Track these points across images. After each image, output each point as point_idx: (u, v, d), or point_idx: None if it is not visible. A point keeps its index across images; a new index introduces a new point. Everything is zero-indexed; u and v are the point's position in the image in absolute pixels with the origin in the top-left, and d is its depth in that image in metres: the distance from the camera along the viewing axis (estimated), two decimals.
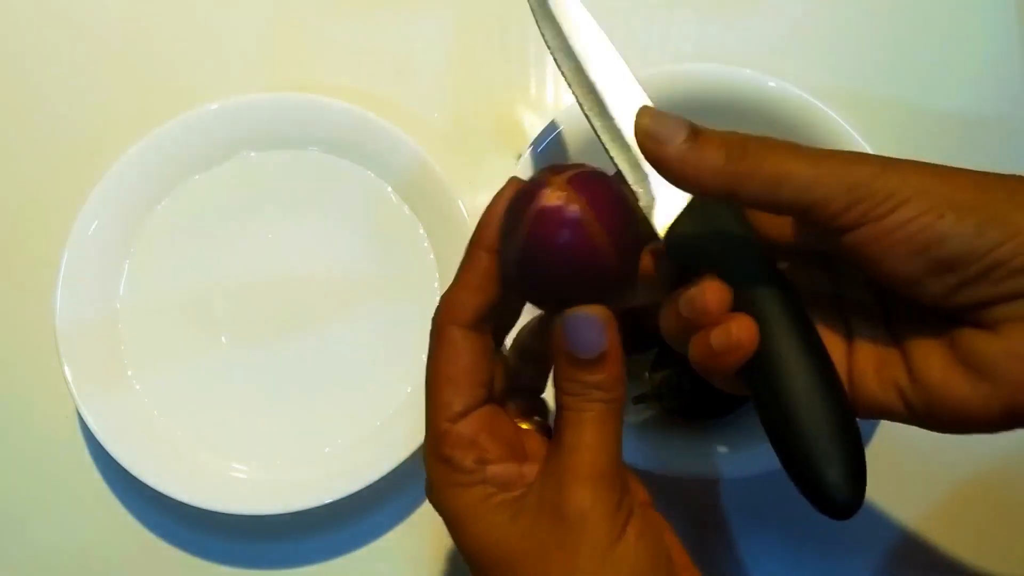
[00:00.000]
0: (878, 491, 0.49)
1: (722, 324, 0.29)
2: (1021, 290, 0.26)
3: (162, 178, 0.50)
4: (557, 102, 0.55)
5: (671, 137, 0.28)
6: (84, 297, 0.48)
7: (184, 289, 0.50)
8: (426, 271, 0.49)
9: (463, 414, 0.30)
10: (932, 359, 0.28)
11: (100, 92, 0.56)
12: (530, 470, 0.29)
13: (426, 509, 0.48)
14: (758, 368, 0.29)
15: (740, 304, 0.30)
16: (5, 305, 0.52)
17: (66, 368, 0.46)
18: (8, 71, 0.56)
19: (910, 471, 0.49)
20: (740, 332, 0.29)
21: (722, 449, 0.45)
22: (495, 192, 0.32)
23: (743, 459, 0.44)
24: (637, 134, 0.29)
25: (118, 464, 0.45)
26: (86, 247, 0.48)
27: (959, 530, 0.48)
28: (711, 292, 0.30)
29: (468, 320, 0.30)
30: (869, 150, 0.46)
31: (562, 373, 0.29)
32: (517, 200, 0.30)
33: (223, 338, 0.49)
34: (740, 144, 0.28)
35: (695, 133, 0.28)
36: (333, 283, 0.50)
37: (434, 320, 0.31)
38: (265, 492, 0.46)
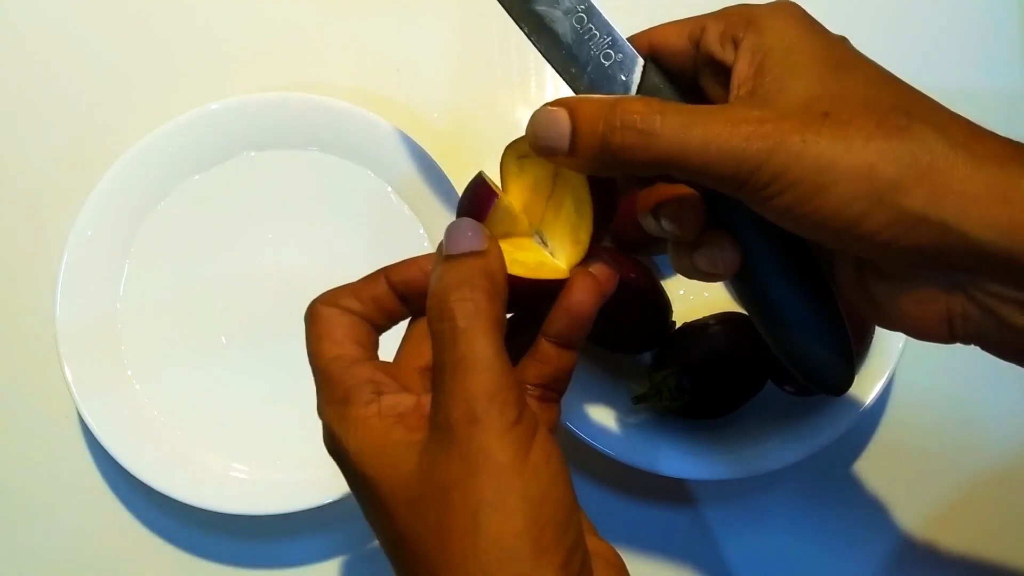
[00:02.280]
0: (881, 489, 0.49)
1: (706, 247, 0.31)
2: (909, 264, 0.28)
3: (162, 178, 0.50)
4: None
5: (558, 143, 0.29)
6: (84, 297, 0.48)
7: (184, 289, 0.50)
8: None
9: (352, 363, 0.29)
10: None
11: (100, 93, 0.56)
12: (427, 400, 0.27)
13: None
14: (746, 279, 0.32)
15: (715, 216, 0.31)
16: (5, 305, 0.52)
17: (66, 368, 0.46)
18: (8, 72, 0.56)
19: (912, 469, 0.49)
20: (724, 262, 0.31)
21: (722, 449, 0.45)
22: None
23: (743, 459, 0.44)
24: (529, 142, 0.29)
25: (118, 464, 0.45)
26: (86, 247, 0.48)
27: (961, 528, 0.48)
28: (689, 214, 0.31)
29: (342, 306, 0.30)
30: None
31: (436, 280, 0.27)
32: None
33: (223, 338, 0.49)
34: (620, 123, 0.27)
35: (574, 116, 0.28)
36: (333, 283, 0.49)
37: (310, 305, 0.31)
38: (265, 492, 0.46)
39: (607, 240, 0.48)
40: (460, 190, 0.49)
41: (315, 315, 0.30)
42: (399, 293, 0.31)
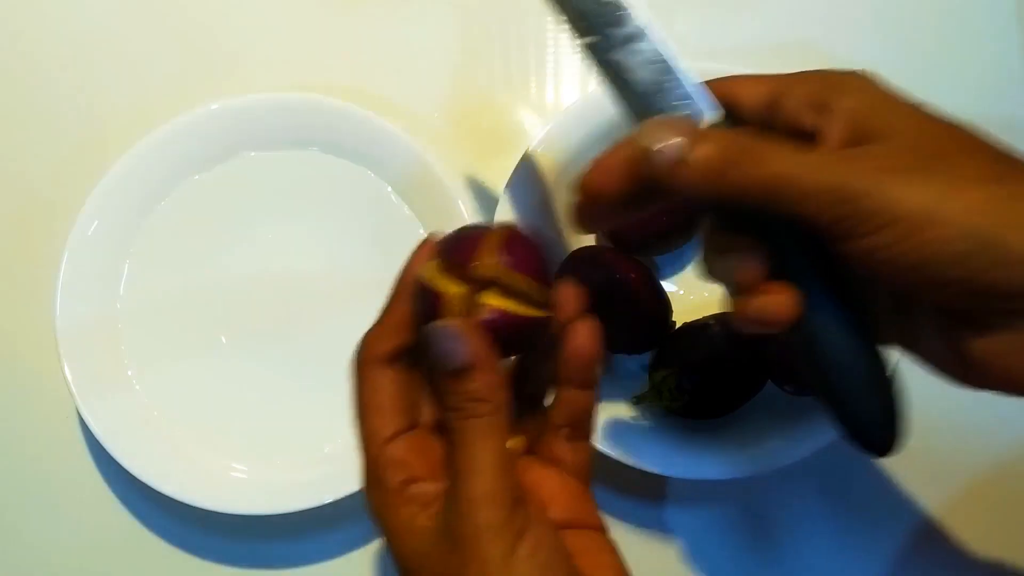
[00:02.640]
0: (882, 489, 0.49)
1: (761, 297, 0.30)
2: (1012, 309, 0.27)
3: (162, 178, 0.50)
4: (557, 102, 0.55)
5: (668, 149, 0.29)
6: (84, 297, 0.48)
7: (184, 289, 0.50)
8: None
9: (391, 438, 0.31)
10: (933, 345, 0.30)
11: (100, 93, 0.56)
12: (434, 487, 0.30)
13: None
14: (800, 330, 0.31)
15: (776, 266, 0.31)
16: (5, 305, 0.52)
17: (66, 368, 0.46)
18: (8, 72, 0.56)
19: (913, 468, 0.49)
20: (778, 308, 0.30)
21: (722, 449, 0.45)
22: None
23: (743, 459, 0.44)
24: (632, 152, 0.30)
25: (118, 464, 0.45)
26: (86, 247, 0.48)
27: (965, 527, 0.48)
28: (749, 265, 0.30)
29: (386, 356, 0.32)
30: None
31: (440, 389, 0.29)
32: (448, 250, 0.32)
33: (223, 338, 0.49)
34: (739, 147, 0.28)
35: (695, 136, 0.29)
36: (333, 283, 0.50)
37: (355, 358, 0.32)
38: (265, 492, 0.46)
39: (604, 240, 0.48)
40: (460, 190, 0.49)
41: (359, 376, 0.32)
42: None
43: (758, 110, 0.32)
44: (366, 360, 0.32)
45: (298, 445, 0.48)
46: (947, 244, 0.26)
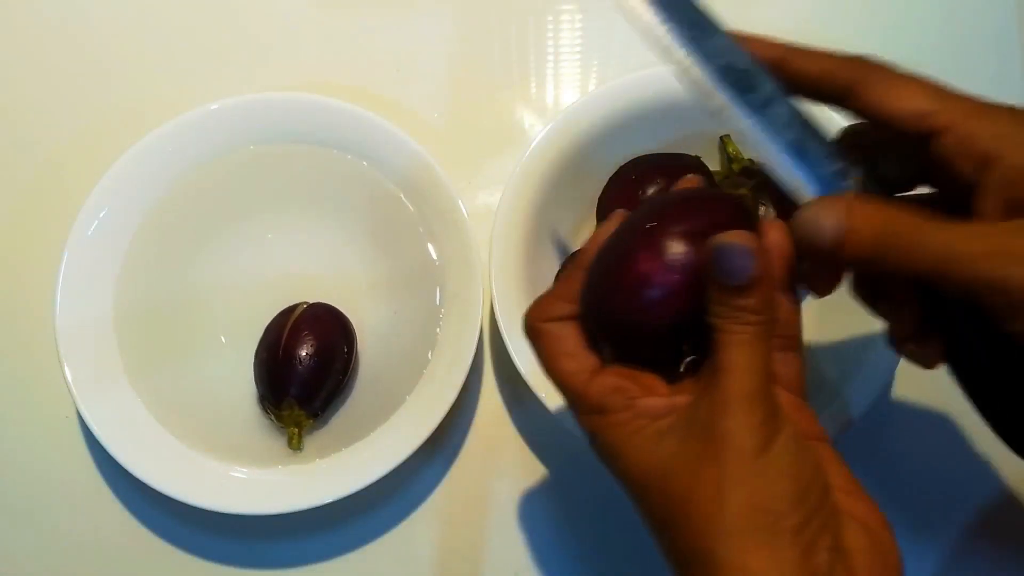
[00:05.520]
0: (881, 489, 0.49)
1: (917, 343, 0.33)
2: None
3: (162, 179, 0.50)
4: (557, 102, 0.55)
5: (822, 233, 0.30)
6: (84, 297, 0.48)
7: (184, 289, 0.50)
8: (427, 271, 0.49)
9: (594, 375, 0.32)
10: None
11: (100, 93, 0.56)
12: (682, 400, 0.31)
13: (425, 509, 0.48)
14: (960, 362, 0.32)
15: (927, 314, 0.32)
16: (5, 305, 0.52)
17: (66, 368, 0.46)
18: (9, 72, 0.56)
19: (914, 468, 0.49)
20: (929, 359, 0.33)
21: None
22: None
23: None
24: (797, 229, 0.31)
25: (118, 464, 0.45)
26: (86, 247, 0.48)
27: (967, 527, 0.48)
28: (903, 319, 0.33)
29: (559, 319, 0.33)
30: None
31: (713, 298, 0.30)
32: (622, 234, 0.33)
33: (223, 338, 0.49)
34: (895, 232, 0.29)
35: (851, 216, 0.30)
36: (333, 283, 0.50)
37: (526, 322, 0.34)
38: (265, 492, 0.46)
39: None
40: (460, 190, 0.49)
41: (538, 333, 0.34)
42: None
43: (912, 122, 0.31)
44: (537, 321, 0.34)
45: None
46: None
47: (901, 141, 0.32)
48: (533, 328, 0.34)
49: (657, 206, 0.34)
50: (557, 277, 0.35)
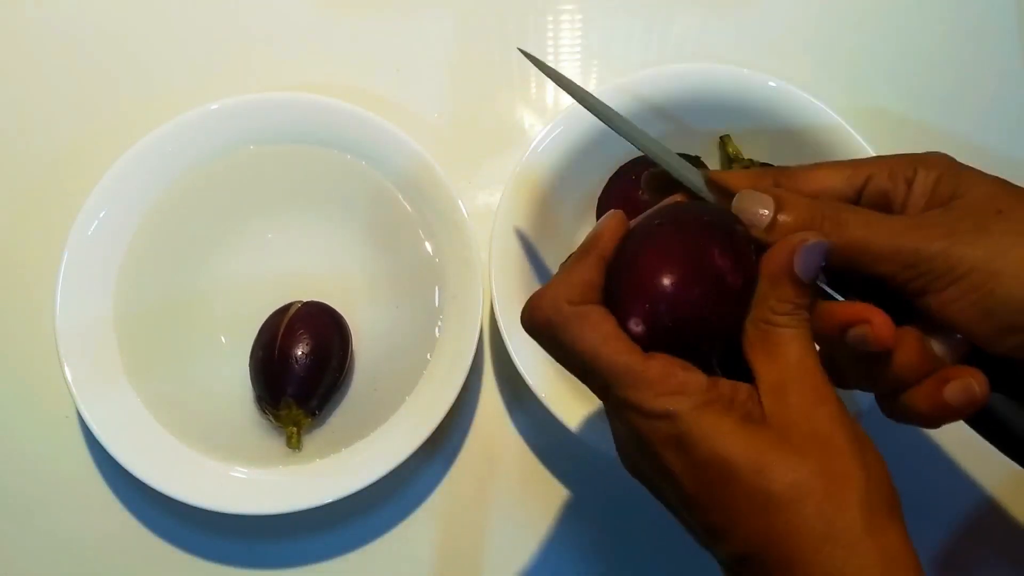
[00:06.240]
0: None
1: (959, 379, 0.31)
2: None
3: (162, 179, 0.50)
4: (557, 102, 0.55)
5: (757, 217, 0.32)
6: (84, 297, 0.48)
7: (184, 289, 0.50)
8: (426, 271, 0.49)
9: (648, 356, 0.31)
10: None
11: (100, 93, 0.56)
12: (742, 387, 0.31)
13: (425, 509, 0.48)
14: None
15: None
16: (5, 305, 0.52)
17: (66, 368, 0.46)
18: (9, 72, 0.56)
19: (913, 471, 0.49)
20: (980, 387, 0.31)
21: None
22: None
23: None
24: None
25: (118, 464, 0.45)
26: (86, 247, 0.48)
27: (969, 527, 0.48)
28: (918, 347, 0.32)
29: (584, 301, 0.32)
30: (869, 149, 0.46)
31: (782, 295, 0.31)
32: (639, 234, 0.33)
33: (223, 338, 0.49)
34: (821, 214, 0.32)
35: (780, 204, 0.32)
36: (333, 283, 0.50)
37: (544, 309, 0.32)
38: (265, 492, 0.46)
39: None
40: (460, 190, 0.49)
41: (570, 317, 0.31)
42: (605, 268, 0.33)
43: (847, 195, 0.34)
44: (569, 303, 0.31)
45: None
46: (1009, 292, 0.29)
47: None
48: (561, 312, 0.31)
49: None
50: (566, 263, 0.33)
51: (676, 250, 0.32)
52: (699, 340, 0.31)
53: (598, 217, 0.48)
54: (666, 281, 0.31)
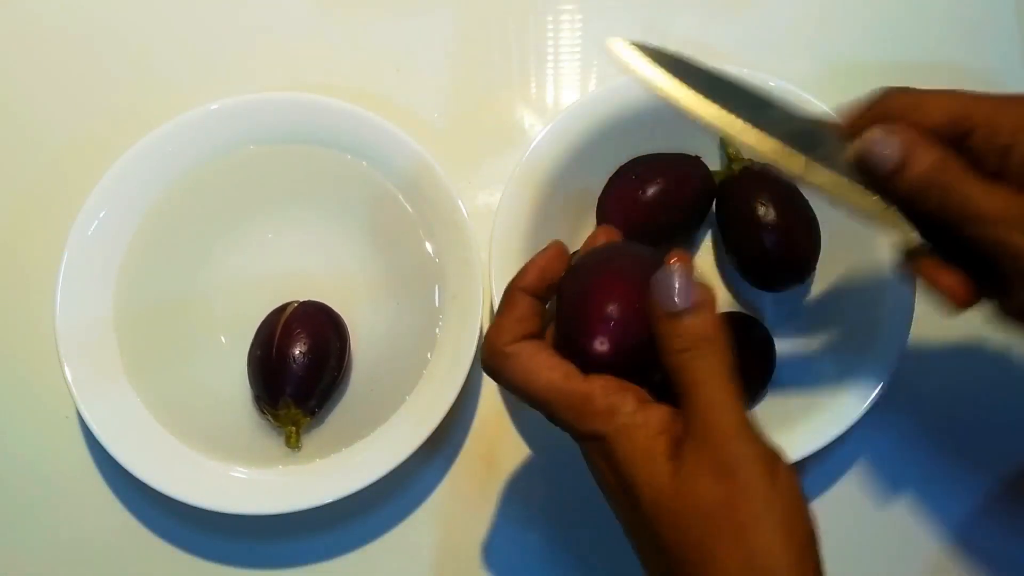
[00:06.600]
0: (881, 492, 0.49)
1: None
2: None
3: (162, 179, 0.50)
4: (557, 102, 0.55)
5: (883, 160, 0.33)
6: (84, 297, 0.48)
7: (184, 289, 0.50)
8: (426, 271, 0.49)
9: (586, 377, 0.32)
10: None
11: (100, 93, 0.56)
12: (670, 409, 0.31)
13: (425, 509, 0.48)
14: None
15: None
16: (5, 305, 0.52)
17: (66, 368, 0.46)
18: (9, 72, 0.56)
19: (913, 472, 0.49)
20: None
21: None
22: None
23: None
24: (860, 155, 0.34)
25: (118, 464, 0.45)
26: (86, 247, 0.48)
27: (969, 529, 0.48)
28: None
29: (521, 337, 0.34)
30: None
31: (666, 334, 0.31)
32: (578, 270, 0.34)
33: (223, 338, 0.49)
34: (943, 164, 0.33)
35: (908, 153, 0.33)
36: (333, 283, 0.50)
37: (488, 352, 0.34)
38: (265, 492, 0.46)
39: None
40: (460, 190, 0.49)
41: (508, 355, 0.33)
42: (540, 296, 0.35)
43: (946, 130, 0.34)
44: (505, 344, 0.33)
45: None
46: None
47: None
48: (500, 353, 0.33)
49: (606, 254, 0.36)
50: (502, 303, 0.35)
51: (636, 275, 0.33)
52: (653, 359, 0.32)
53: (598, 217, 0.48)
54: (628, 303, 0.32)
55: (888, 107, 0.35)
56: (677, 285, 0.31)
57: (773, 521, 0.28)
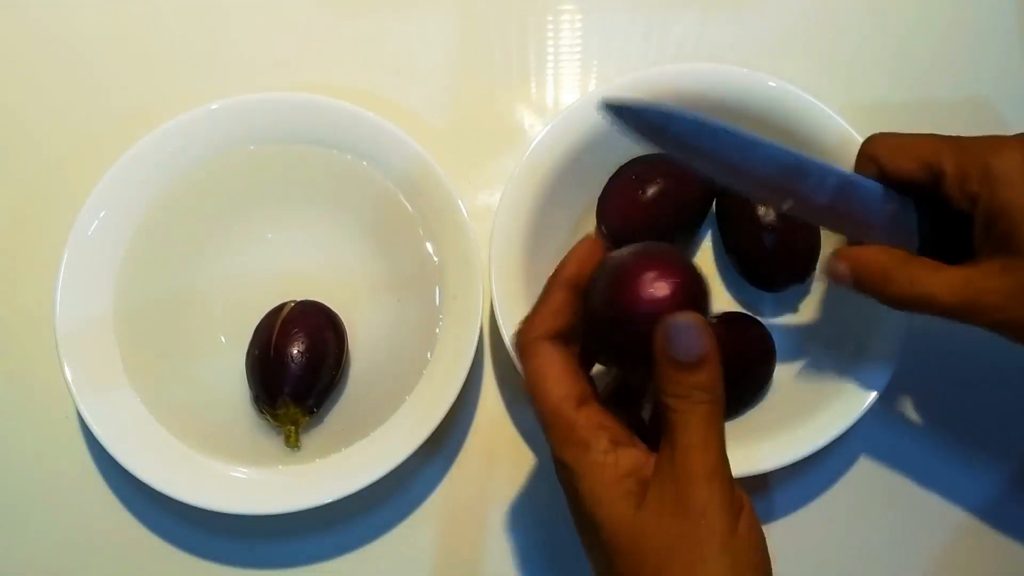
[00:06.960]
0: (881, 492, 0.49)
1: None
2: None
3: (162, 179, 0.50)
4: (557, 103, 0.55)
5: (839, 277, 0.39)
6: (84, 297, 0.48)
7: (184, 289, 0.50)
8: (427, 271, 0.49)
9: (581, 404, 0.33)
10: None
11: (100, 93, 0.56)
12: (651, 458, 0.32)
13: (425, 509, 0.48)
14: None
15: None
16: (5, 305, 0.52)
17: (66, 368, 0.46)
18: (9, 72, 0.56)
19: (912, 473, 0.49)
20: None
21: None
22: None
23: (741, 459, 0.44)
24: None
25: (118, 464, 0.45)
26: (86, 247, 0.48)
27: (970, 530, 0.48)
28: None
29: (547, 336, 0.34)
30: None
31: (666, 377, 0.31)
32: (612, 270, 0.34)
33: (223, 338, 0.49)
34: (890, 268, 0.37)
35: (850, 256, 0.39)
36: (333, 283, 0.50)
37: (518, 340, 0.35)
38: (265, 492, 0.46)
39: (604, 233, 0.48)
40: (460, 190, 0.49)
41: (530, 351, 0.34)
42: (576, 288, 0.35)
43: (920, 175, 0.37)
44: (531, 338, 0.34)
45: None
46: None
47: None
48: (528, 344, 0.34)
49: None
50: (542, 294, 0.36)
51: (676, 256, 0.34)
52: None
53: (598, 217, 0.48)
54: (671, 283, 0.33)
55: (871, 152, 0.38)
56: (688, 337, 0.31)
57: (725, 565, 0.29)
